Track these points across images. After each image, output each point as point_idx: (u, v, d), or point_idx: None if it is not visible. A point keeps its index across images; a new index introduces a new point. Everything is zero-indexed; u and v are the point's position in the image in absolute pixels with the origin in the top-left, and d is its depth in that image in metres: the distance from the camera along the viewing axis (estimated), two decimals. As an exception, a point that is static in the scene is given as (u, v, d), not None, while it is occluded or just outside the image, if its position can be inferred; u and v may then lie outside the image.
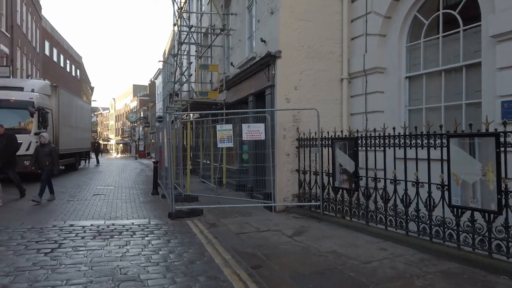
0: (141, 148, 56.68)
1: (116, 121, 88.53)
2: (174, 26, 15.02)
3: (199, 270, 4.79)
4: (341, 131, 7.83)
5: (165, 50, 40.02)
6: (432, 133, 5.62)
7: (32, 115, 13.78)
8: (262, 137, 8.24)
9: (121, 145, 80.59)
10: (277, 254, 5.55)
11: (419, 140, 5.82)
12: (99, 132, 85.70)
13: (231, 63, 12.29)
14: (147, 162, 34.72)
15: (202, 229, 7.03)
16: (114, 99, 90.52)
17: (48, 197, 9.86)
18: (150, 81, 58.65)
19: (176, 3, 14.69)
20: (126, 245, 5.85)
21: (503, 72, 5.97)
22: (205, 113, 12.43)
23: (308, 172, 8.42)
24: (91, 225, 7.19)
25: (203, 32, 15.40)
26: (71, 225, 7.12)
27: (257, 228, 7.16)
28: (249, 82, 10.60)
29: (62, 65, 40.28)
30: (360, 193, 6.96)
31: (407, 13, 8.05)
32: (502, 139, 4.64)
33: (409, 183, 5.90)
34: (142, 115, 60.86)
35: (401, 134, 6.10)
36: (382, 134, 6.40)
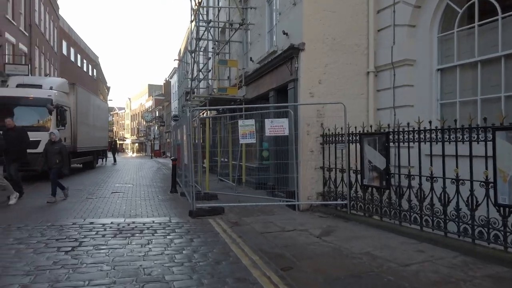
0: (156, 147, 56.99)
1: (131, 121, 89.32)
2: (191, 22, 14.81)
3: (226, 271, 4.52)
4: (370, 126, 7.45)
5: (180, 49, 40.04)
6: (474, 126, 5.22)
7: (50, 112, 13.76)
8: (286, 133, 7.92)
9: (137, 144, 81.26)
10: (307, 255, 5.24)
11: (458, 135, 5.42)
12: (115, 131, 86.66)
13: (250, 58, 12.01)
14: (163, 161, 34.78)
15: (225, 228, 6.77)
16: (129, 98, 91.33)
17: (48, 199, 9.10)
18: (165, 81, 58.86)
19: (193, -1, 14.48)
20: (148, 243, 5.61)
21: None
22: (226, 108, 12.15)
23: (334, 170, 8.07)
24: (111, 223, 7.00)
25: (221, 27, 15.16)
26: (91, 223, 6.94)
27: (282, 227, 6.86)
28: (270, 77, 10.29)
29: (79, 64, 40.71)
30: (392, 191, 6.58)
31: (439, 1, 7.63)
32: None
33: (447, 180, 5.52)
34: (157, 115, 61.17)
35: (438, 128, 5.71)
36: (416, 128, 6.02)
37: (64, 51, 35.18)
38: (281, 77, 9.40)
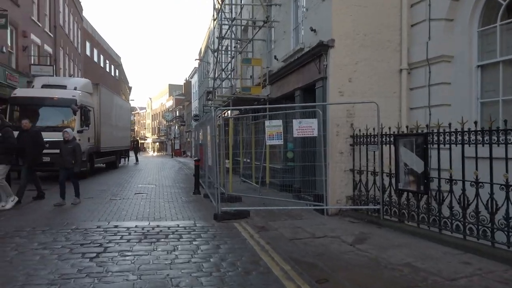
0: (177, 146, 57.45)
1: (152, 120, 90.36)
2: (214, 20, 14.60)
3: (257, 282, 4.24)
4: (406, 127, 7.03)
5: (201, 49, 40.05)
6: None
7: (74, 113, 13.83)
8: (315, 134, 7.59)
9: (158, 143, 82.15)
10: (342, 265, 4.90)
11: (509, 136, 4.97)
12: (137, 131, 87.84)
13: (275, 57, 11.69)
14: (184, 160, 34.89)
15: (252, 233, 6.49)
16: (150, 98, 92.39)
17: (57, 201, 8.78)
18: (185, 80, 59.15)
19: (216, -3, 14.27)
20: (174, 250, 5.39)
21: None
22: (248, 108, 11.87)
23: (365, 172, 7.68)
24: (136, 226, 6.83)
25: (244, 25, 14.88)
26: (116, 226, 6.79)
27: (312, 233, 6.53)
28: (296, 75, 9.96)
29: (102, 65, 41.29)
30: (431, 196, 6.16)
31: (480, -7, 7.13)
32: None
33: (495, 186, 5.07)
34: (177, 114, 61.57)
35: (485, 129, 5.27)
36: (459, 129, 5.59)
37: (88, 52, 35.72)
38: (308, 75, 9.05)
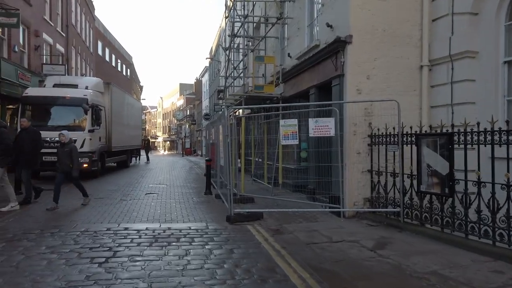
0: (187, 145, 57.51)
1: (163, 119, 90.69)
2: (226, 18, 14.37)
3: (275, 292, 3.98)
4: (429, 126, 6.69)
5: (211, 48, 39.90)
6: None
7: (86, 112, 13.71)
8: (331, 134, 7.29)
9: (168, 142, 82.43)
10: (364, 273, 4.61)
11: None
12: (148, 130, 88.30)
13: (288, 54, 11.40)
14: (195, 160, 34.79)
15: (266, 237, 6.24)
16: (161, 97, 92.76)
17: (50, 205, 8.32)
18: (196, 80, 59.18)
19: (228, -6, 14.04)
20: (186, 255, 5.16)
21: None
22: (261, 107, 11.61)
23: (384, 173, 7.36)
24: (146, 228, 6.62)
25: (256, 22, 14.61)
26: (126, 229, 6.60)
27: (329, 237, 6.24)
28: (311, 73, 9.66)
29: (113, 64, 41.45)
30: (456, 199, 5.82)
31: (507, -15, 6.75)
32: None
33: (529, 189, 4.73)
34: (188, 113, 61.62)
35: (519, 128, 4.92)
36: (489, 129, 5.24)
37: (100, 52, 35.85)
38: (324, 73, 8.75)
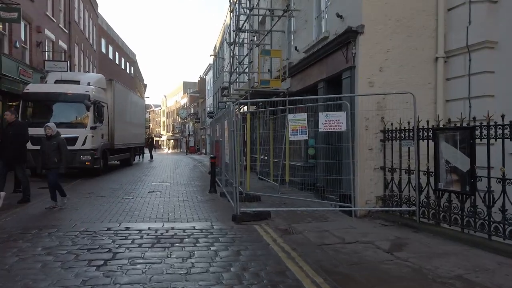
0: (191, 143, 57.33)
1: (167, 118, 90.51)
2: (231, 12, 14.02)
3: (287, 299, 3.64)
4: (448, 119, 6.31)
5: (215, 45, 39.57)
6: None
7: (88, 108, 13.43)
8: (343, 128, 6.93)
9: (172, 140, 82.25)
10: (382, 277, 4.26)
11: None
12: (151, 128, 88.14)
13: (295, 48, 11.04)
14: (199, 158, 34.52)
15: (275, 237, 5.90)
16: (165, 96, 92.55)
17: (49, 204, 7.91)
18: (200, 78, 58.95)
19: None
20: (190, 257, 4.84)
21: None
22: (267, 102, 11.26)
23: (397, 170, 7.00)
24: (149, 228, 6.31)
25: (262, 15, 14.24)
26: (127, 228, 6.28)
27: (341, 238, 5.90)
28: (319, 66, 9.29)
29: (117, 62, 41.24)
30: (478, 198, 5.45)
31: (530, -30, 6.36)
32: None
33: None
34: (192, 111, 61.38)
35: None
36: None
37: (103, 49, 35.61)
38: (333, 65, 8.38)
